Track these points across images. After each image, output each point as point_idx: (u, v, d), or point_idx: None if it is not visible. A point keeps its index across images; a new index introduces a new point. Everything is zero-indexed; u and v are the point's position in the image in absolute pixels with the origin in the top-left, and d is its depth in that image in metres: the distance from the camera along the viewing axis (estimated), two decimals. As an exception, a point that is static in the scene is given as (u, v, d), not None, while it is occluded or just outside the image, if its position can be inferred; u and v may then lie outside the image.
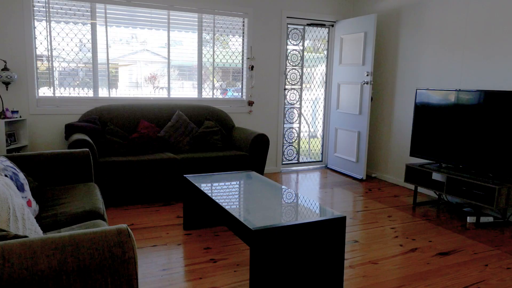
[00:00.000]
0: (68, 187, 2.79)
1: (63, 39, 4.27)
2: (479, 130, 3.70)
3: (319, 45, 5.93)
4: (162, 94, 4.84)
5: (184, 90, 4.96)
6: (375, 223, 3.61)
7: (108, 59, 4.49)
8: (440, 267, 2.75)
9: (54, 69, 4.28)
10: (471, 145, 3.78)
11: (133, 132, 4.30)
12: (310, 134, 6.28)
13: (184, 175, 3.27)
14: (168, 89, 4.84)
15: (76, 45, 4.34)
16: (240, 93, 5.31)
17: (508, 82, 3.76)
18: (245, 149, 4.39)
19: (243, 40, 5.17)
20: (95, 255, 1.31)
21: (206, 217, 3.36)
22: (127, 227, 1.47)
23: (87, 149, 3.04)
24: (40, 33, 4.18)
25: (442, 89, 4.04)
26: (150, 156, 3.99)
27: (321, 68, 5.89)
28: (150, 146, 4.18)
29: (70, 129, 3.96)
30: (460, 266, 2.78)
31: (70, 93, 4.39)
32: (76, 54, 4.35)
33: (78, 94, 4.42)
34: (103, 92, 4.52)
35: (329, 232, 2.27)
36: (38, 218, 2.23)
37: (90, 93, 4.47)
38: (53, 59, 4.27)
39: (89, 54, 4.39)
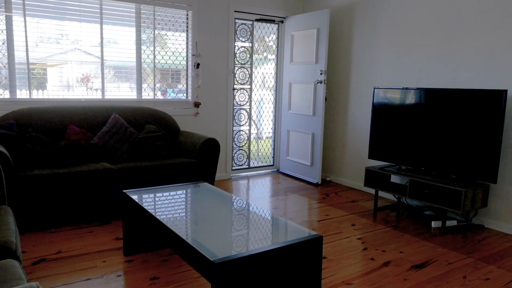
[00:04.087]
0: (-30, 213, 2.18)
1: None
2: (439, 130, 3.54)
3: (268, 42, 5.60)
4: (96, 95, 4.23)
5: (121, 92, 4.38)
6: (340, 233, 3.31)
7: (28, 56, 3.81)
8: (418, 283, 2.48)
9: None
10: (432, 146, 3.61)
11: (61, 140, 3.68)
12: (258, 136, 5.93)
13: (123, 191, 2.75)
14: (103, 89, 4.24)
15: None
16: (184, 94, 4.82)
17: (467, 80, 3.64)
18: (193, 155, 3.92)
19: (187, 35, 4.69)
20: None
21: (151, 238, 2.86)
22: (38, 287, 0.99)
23: (-3, 163, 2.43)
24: None
25: (399, 88, 3.86)
26: (81, 167, 3.40)
27: (271, 67, 5.56)
28: (81, 155, 3.59)
29: (-21, 137, 3.26)
30: (439, 280, 2.53)
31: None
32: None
33: (-10, 95, 3.71)
34: (23, 94, 3.84)
35: (305, 255, 1.90)
36: None
37: (6, 95, 3.77)
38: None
39: (5, 50, 3.70)
